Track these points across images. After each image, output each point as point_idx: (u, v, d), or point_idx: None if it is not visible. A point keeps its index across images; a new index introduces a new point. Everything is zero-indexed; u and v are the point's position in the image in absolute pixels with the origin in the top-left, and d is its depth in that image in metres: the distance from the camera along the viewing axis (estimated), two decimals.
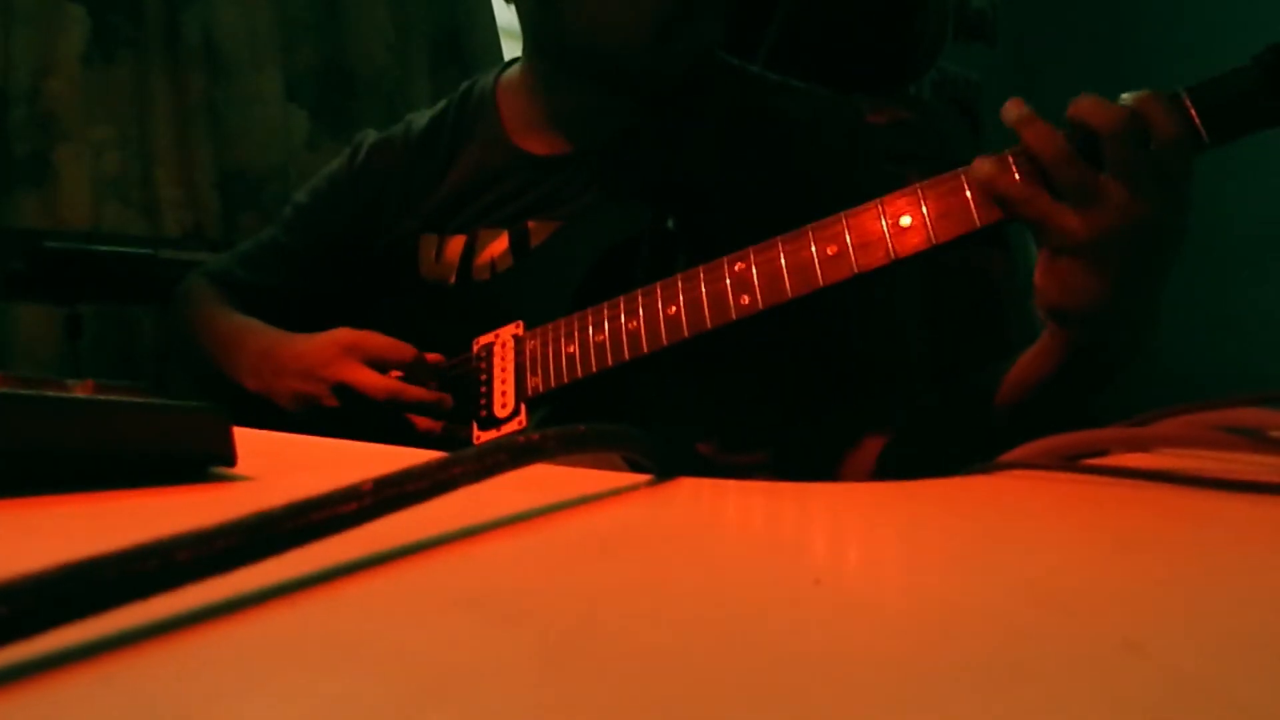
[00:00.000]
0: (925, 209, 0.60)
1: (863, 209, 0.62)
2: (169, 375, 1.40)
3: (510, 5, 0.84)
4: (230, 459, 0.33)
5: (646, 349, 0.69)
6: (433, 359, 0.80)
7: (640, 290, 0.70)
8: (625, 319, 0.70)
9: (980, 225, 0.59)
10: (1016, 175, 0.57)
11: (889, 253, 0.61)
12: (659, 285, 0.69)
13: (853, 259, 0.62)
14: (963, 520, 0.29)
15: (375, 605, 0.18)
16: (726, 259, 0.67)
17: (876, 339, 0.81)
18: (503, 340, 0.78)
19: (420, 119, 0.95)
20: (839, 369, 0.81)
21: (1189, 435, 0.35)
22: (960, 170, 0.60)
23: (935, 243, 0.60)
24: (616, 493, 0.31)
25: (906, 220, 0.61)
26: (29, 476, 0.28)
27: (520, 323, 0.78)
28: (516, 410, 0.76)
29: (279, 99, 1.56)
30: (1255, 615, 0.19)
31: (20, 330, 1.33)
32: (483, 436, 0.77)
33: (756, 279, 0.65)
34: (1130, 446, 0.37)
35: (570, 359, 0.73)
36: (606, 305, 0.72)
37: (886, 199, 0.62)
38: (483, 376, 0.79)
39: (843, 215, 0.63)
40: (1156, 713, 0.13)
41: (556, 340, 0.74)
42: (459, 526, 0.24)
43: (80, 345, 1.26)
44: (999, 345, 1.21)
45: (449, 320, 0.84)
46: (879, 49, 1.39)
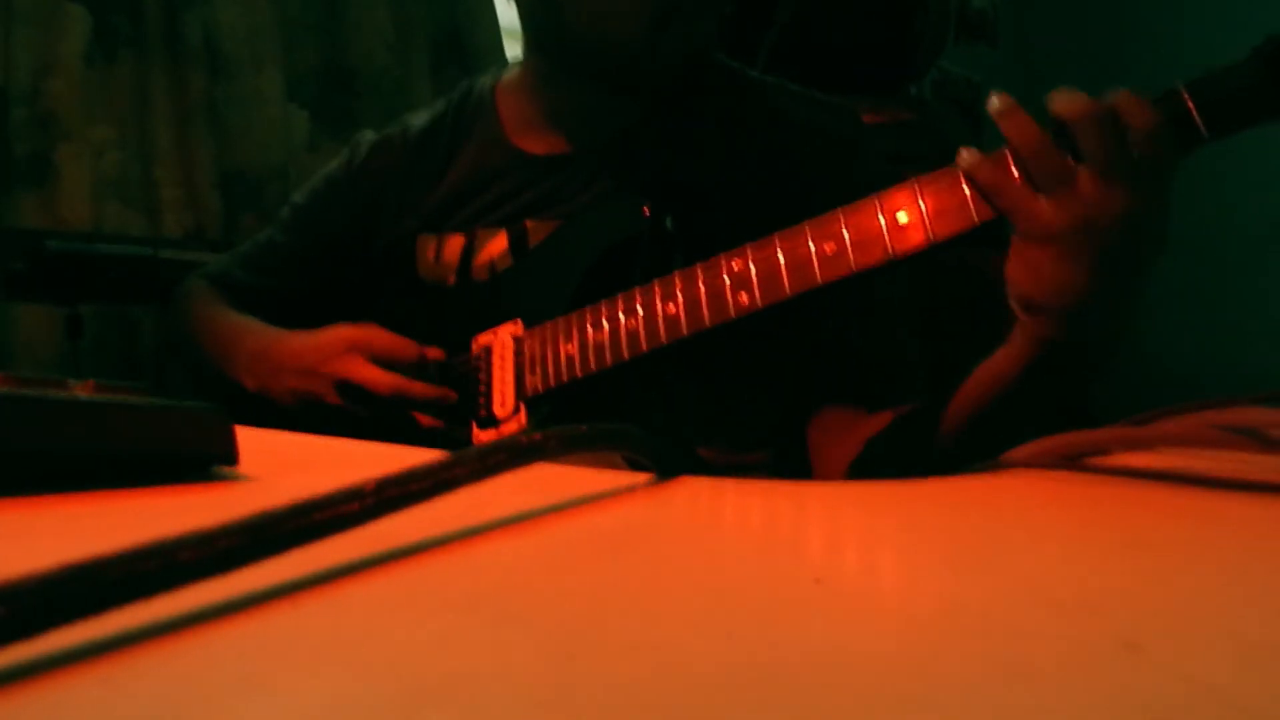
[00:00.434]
0: (923, 206, 0.60)
1: (861, 206, 0.62)
2: (170, 375, 1.41)
3: (511, 2, 0.85)
4: (232, 459, 0.33)
5: (645, 348, 0.69)
6: (433, 355, 0.80)
7: (639, 289, 0.70)
8: (624, 318, 0.70)
9: (979, 222, 0.59)
10: (995, 166, 0.57)
11: (887, 250, 0.61)
12: (657, 284, 0.69)
13: (851, 257, 0.62)
14: (963, 519, 0.29)
15: (377, 605, 0.18)
16: (724, 256, 0.67)
17: (875, 338, 0.81)
18: (502, 340, 0.78)
19: (419, 119, 0.95)
20: (838, 368, 0.81)
21: (1190, 435, 0.35)
22: (958, 167, 0.60)
23: (933, 240, 0.60)
24: (617, 492, 0.31)
25: (904, 217, 0.61)
26: (30, 476, 0.28)
27: (519, 322, 0.78)
28: (516, 410, 0.76)
29: (279, 99, 1.56)
30: (1256, 615, 0.19)
31: (21, 330, 1.34)
32: (482, 436, 0.77)
33: (755, 277, 0.65)
34: (1131, 446, 0.37)
35: (569, 358, 0.73)
36: (605, 304, 0.72)
37: (884, 195, 0.61)
38: (482, 376, 0.79)
39: (840, 213, 0.63)
40: (1156, 713, 0.13)
41: (555, 340, 0.74)
42: (460, 526, 0.24)
43: (81, 345, 1.26)
44: (997, 345, 1.20)
45: (448, 320, 0.84)
46: (880, 50, 1.39)
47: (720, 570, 0.22)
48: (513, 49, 1.77)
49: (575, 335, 0.73)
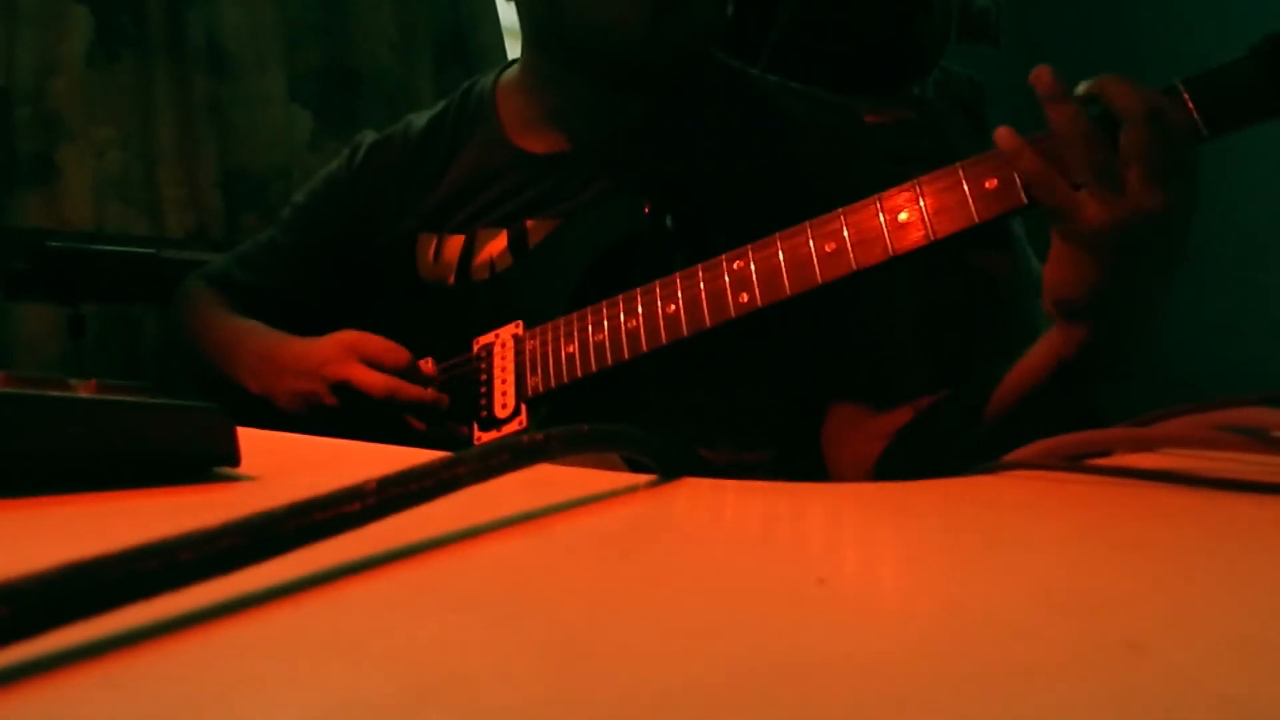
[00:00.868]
0: (923, 204, 0.60)
1: (861, 205, 0.62)
2: (172, 375, 1.41)
3: (510, 1, 0.85)
4: (234, 459, 0.33)
5: (646, 347, 0.69)
6: (425, 366, 0.81)
7: (639, 289, 0.70)
8: (625, 318, 0.70)
9: (979, 220, 0.59)
10: (1042, 157, 0.55)
11: (887, 249, 0.61)
12: (658, 284, 0.69)
13: (851, 256, 0.62)
14: (966, 521, 0.29)
15: (378, 605, 0.18)
16: (725, 256, 0.67)
17: (876, 338, 0.81)
18: (502, 340, 0.78)
19: (419, 120, 0.95)
20: (839, 368, 0.81)
21: (1192, 435, 0.35)
22: (958, 165, 0.60)
23: (934, 238, 0.60)
24: (619, 493, 0.31)
25: (904, 216, 0.61)
26: (32, 476, 0.28)
27: (520, 322, 0.78)
28: (517, 410, 0.76)
29: (282, 99, 1.56)
30: (1259, 616, 0.19)
31: (23, 330, 1.34)
32: (483, 437, 0.77)
33: (755, 277, 0.65)
34: (1134, 447, 0.37)
35: (570, 358, 0.73)
36: (606, 304, 0.72)
37: (885, 195, 0.61)
38: (483, 377, 0.79)
39: (841, 212, 0.63)
40: (1159, 714, 0.13)
41: (556, 340, 0.74)
42: (462, 526, 0.24)
43: (83, 345, 1.26)
44: (999, 346, 1.21)
45: (448, 320, 0.84)
46: (882, 49, 1.39)
47: (722, 571, 0.22)
48: (514, 49, 1.77)
49: (576, 335, 0.73)
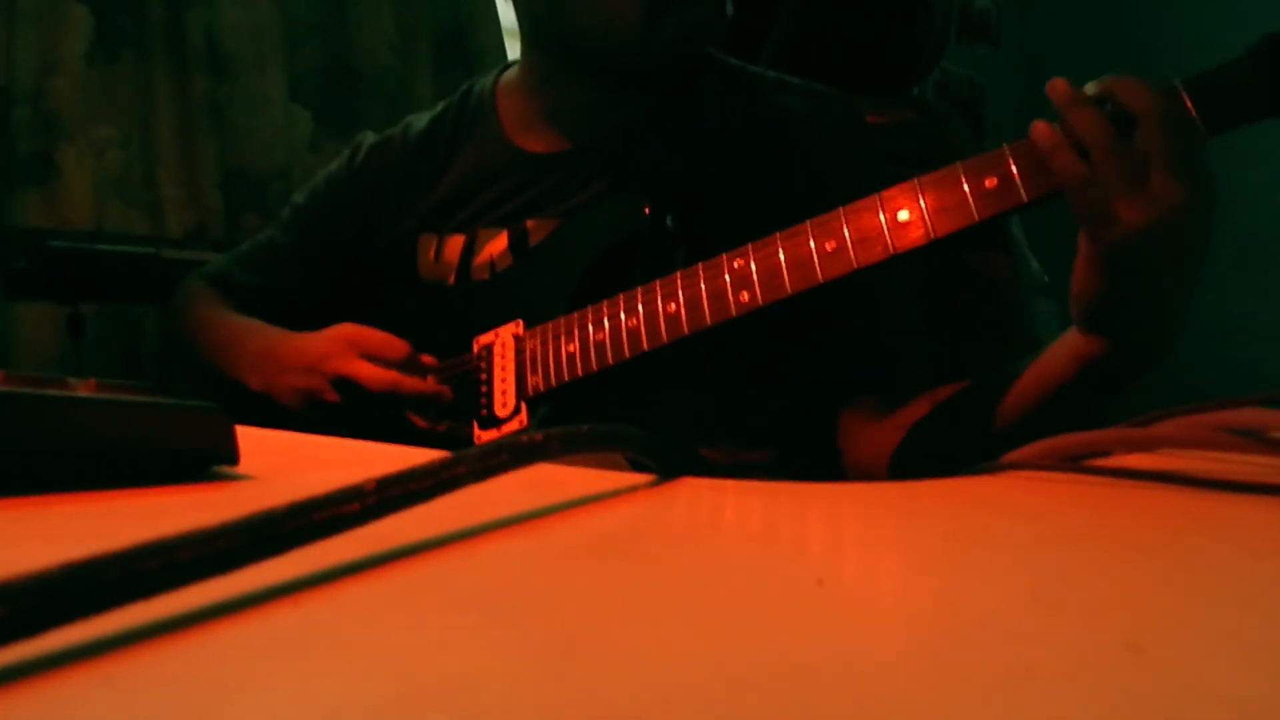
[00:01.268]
0: (923, 203, 0.60)
1: (861, 204, 0.62)
2: (171, 374, 1.41)
3: (509, 1, 0.85)
4: (233, 458, 0.33)
5: (647, 346, 0.69)
6: (426, 360, 0.80)
7: (640, 288, 0.70)
8: (625, 317, 0.70)
9: (979, 218, 0.59)
10: (1078, 157, 0.54)
11: (887, 247, 0.61)
12: (658, 283, 0.70)
13: (851, 254, 0.62)
14: (965, 521, 0.29)
15: (377, 605, 0.18)
16: (725, 256, 0.67)
17: (876, 336, 0.81)
18: (503, 340, 0.78)
19: (419, 120, 0.95)
20: (839, 367, 0.81)
21: (1191, 436, 0.35)
22: (958, 164, 0.60)
23: (934, 237, 0.60)
24: (619, 493, 0.31)
25: (905, 215, 0.61)
26: (31, 476, 0.28)
27: (520, 322, 0.78)
28: (517, 409, 0.76)
29: (282, 99, 1.56)
30: (1258, 617, 0.19)
31: (23, 329, 1.34)
32: (483, 436, 0.77)
33: (756, 275, 0.65)
34: (1132, 447, 0.37)
35: (570, 358, 0.73)
36: (606, 303, 0.72)
37: (885, 194, 0.62)
38: (483, 376, 0.79)
39: (841, 211, 0.63)
40: (1158, 715, 0.13)
41: (557, 339, 0.74)
42: (461, 526, 0.24)
43: (83, 344, 1.26)
44: (1000, 346, 1.21)
45: (449, 320, 0.84)
46: (882, 50, 1.39)
47: (721, 571, 0.22)
48: (514, 49, 1.77)
49: (576, 334, 0.73)
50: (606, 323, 0.71)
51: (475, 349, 0.80)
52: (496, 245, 0.84)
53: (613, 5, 0.77)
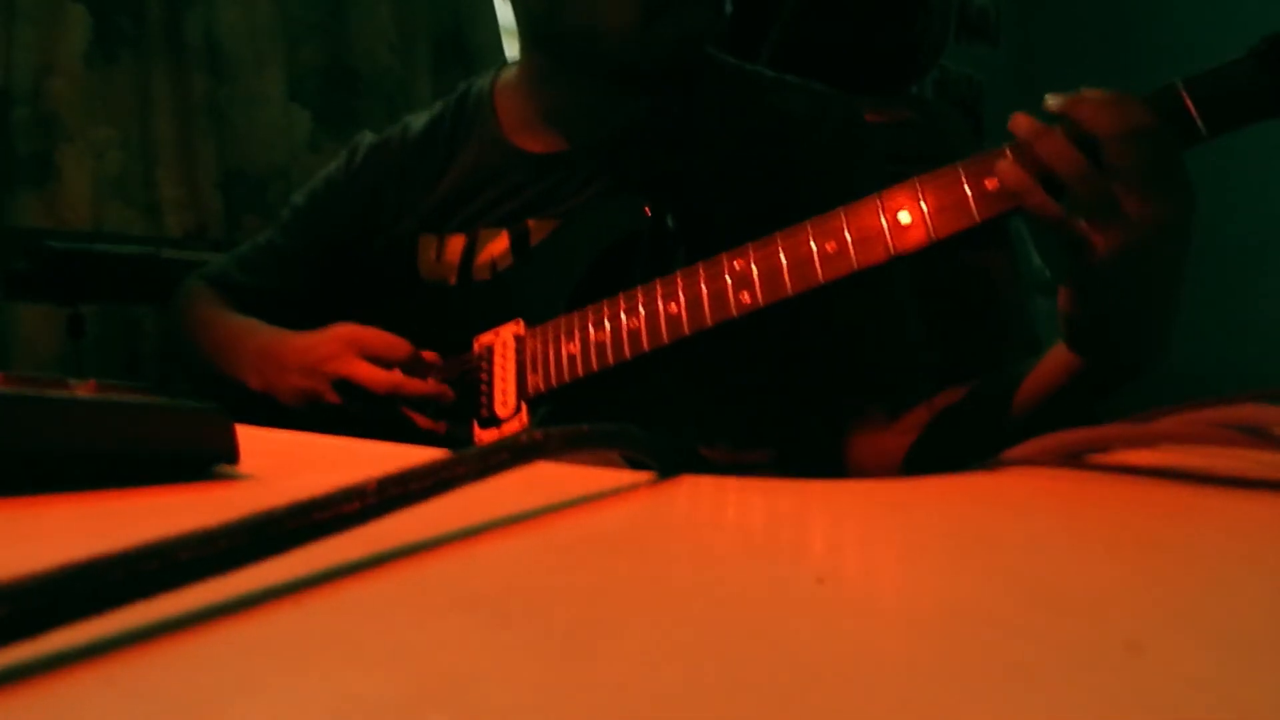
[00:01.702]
0: (924, 204, 0.60)
1: (861, 205, 0.62)
2: (171, 375, 1.41)
3: (507, 0, 0.85)
4: (233, 458, 0.33)
5: (647, 347, 0.69)
6: (429, 357, 0.80)
7: (640, 288, 0.70)
8: (626, 317, 0.70)
9: (979, 219, 0.59)
10: (1048, 196, 0.54)
11: (888, 248, 0.61)
12: (659, 283, 0.70)
13: (852, 255, 0.62)
14: (964, 518, 0.29)
15: (377, 605, 0.18)
16: (726, 256, 0.67)
17: (876, 336, 0.81)
18: (503, 340, 0.78)
19: (417, 121, 0.95)
20: (839, 366, 0.81)
21: (1191, 433, 0.35)
22: (958, 164, 0.60)
23: (934, 238, 0.60)
24: (618, 491, 0.31)
25: (905, 216, 0.61)
26: (31, 476, 0.28)
27: (521, 322, 0.78)
28: (517, 409, 0.76)
29: (281, 99, 1.56)
30: (1258, 614, 0.19)
31: (22, 330, 1.34)
32: (484, 436, 0.77)
33: (756, 276, 0.65)
34: (1132, 444, 0.37)
35: (571, 358, 0.73)
36: (607, 303, 0.72)
37: (885, 194, 0.62)
38: (484, 376, 0.79)
39: (841, 211, 0.63)
40: (1159, 714, 0.13)
41: (557, 339, 0.74)
42: (461, 525, 0.24)
43: (82, 345, 1.26)
44: (999, 345, 1.21)
45: (449, 320, 0.84)
46: (881, 49, 1.39)
47: (721, 570, 0.22)
48: (512, 48, 1.77)
49: (577, 334, 0.73)
50: (607, 323, 0.71)
51: (476, 349, 0.80)
52: (497, 245, 0.84)
53: (610, 7, 0.77)
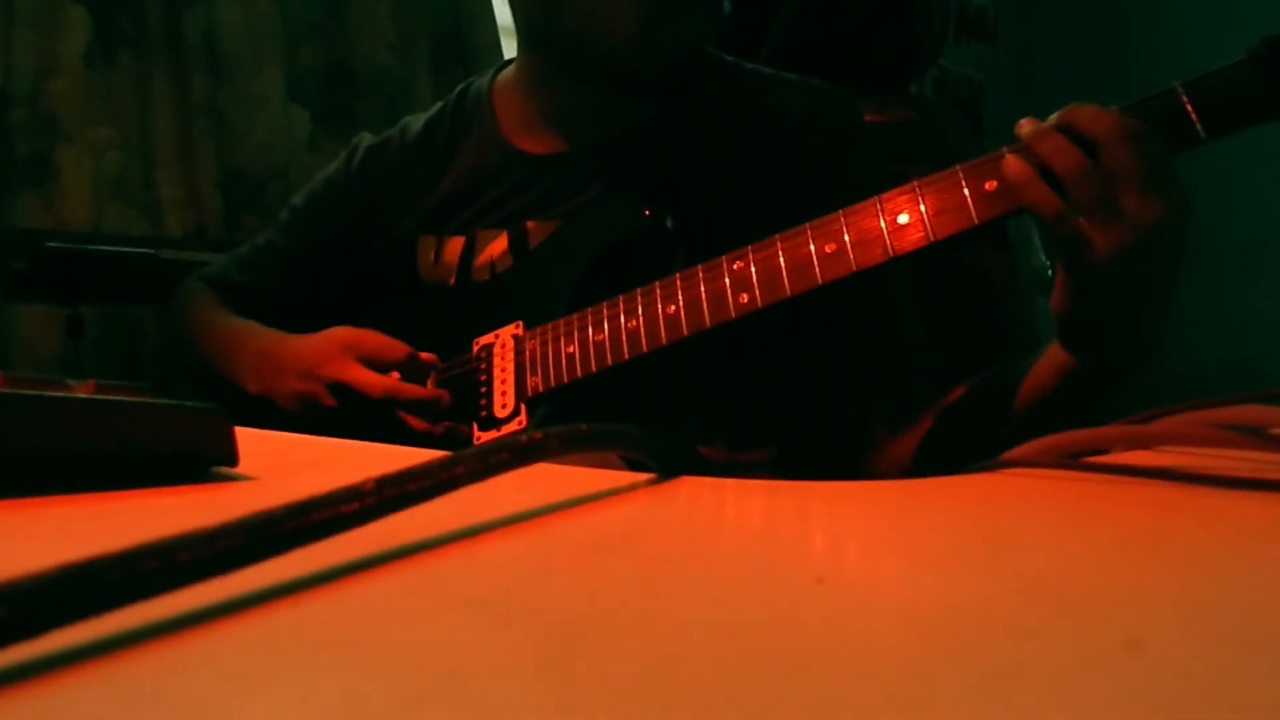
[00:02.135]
0: (923, 206, 0.60)
1: (861, 207, 0.62)
2: (171, 375, 1.41)
3: (506, 1, 0.85)
4: (232, 459, 0.33)
5: (646, 348, 0.69)
6: (427, 358, 0.80)
7: (639, 289, 0.70)
8: (625, 318, 0.70)
9: (979, 221, 0.59)
10: (1052, 193, 0.55)
11: (887, 250, 0.61)
12: (658, 284, 0.70)
13: (851, 256, 0.62)
14: (964, 518, 0.29)
15: (377, 605, 0.18)
16: (725, 257, 0.67)
17: (876, 337, 0.81)
18: (502, 341, 0.79)
19: (416, 121, 0.95)
20: (839, 367, 0.81)
21: (1190, 433, 0.35)
22: (958, 166, 0.60)
23: (933, 239, 0.60)
24: (617, 492, 0.31)
25: (904, 218, 0.61)
26: (30, 476, 0.28)
27: (520, 323, 0.78)
28: (516, 410, 0.76)
29: (281, 99, 1.56)
30: (1257, 614, 0.19)
31: (21, 330, 1.34)
32: (483, 437, 0.77)
33: (755, 277, 0.65)
34: (1131, 444, 0.37)
35: (570, 359, 0.73)
36: (606, 305, 0.72)
37: (884, 196, 0.62)
38: (482, 377, 0.79)
39: (841, 213, 0.63)
40: (1159, 712, 0.13)
41: (556, 340, 0.74)
42: (461, 526, 0.24)
43: (82, 345, 1.26)
44: (999, 345, 1.21)
45: (449, 321, 0.84)
46: (881, 49, 1.39)
47: (721, 570, 0.22)
48: (511, 48, 1.77)
49: (576, 335, 0.73)
50: (606, 324, 0.71)
51: (475, 350, 0.80)
52: (496, 246, 0.84)
53: (609, 16, 0.77)
